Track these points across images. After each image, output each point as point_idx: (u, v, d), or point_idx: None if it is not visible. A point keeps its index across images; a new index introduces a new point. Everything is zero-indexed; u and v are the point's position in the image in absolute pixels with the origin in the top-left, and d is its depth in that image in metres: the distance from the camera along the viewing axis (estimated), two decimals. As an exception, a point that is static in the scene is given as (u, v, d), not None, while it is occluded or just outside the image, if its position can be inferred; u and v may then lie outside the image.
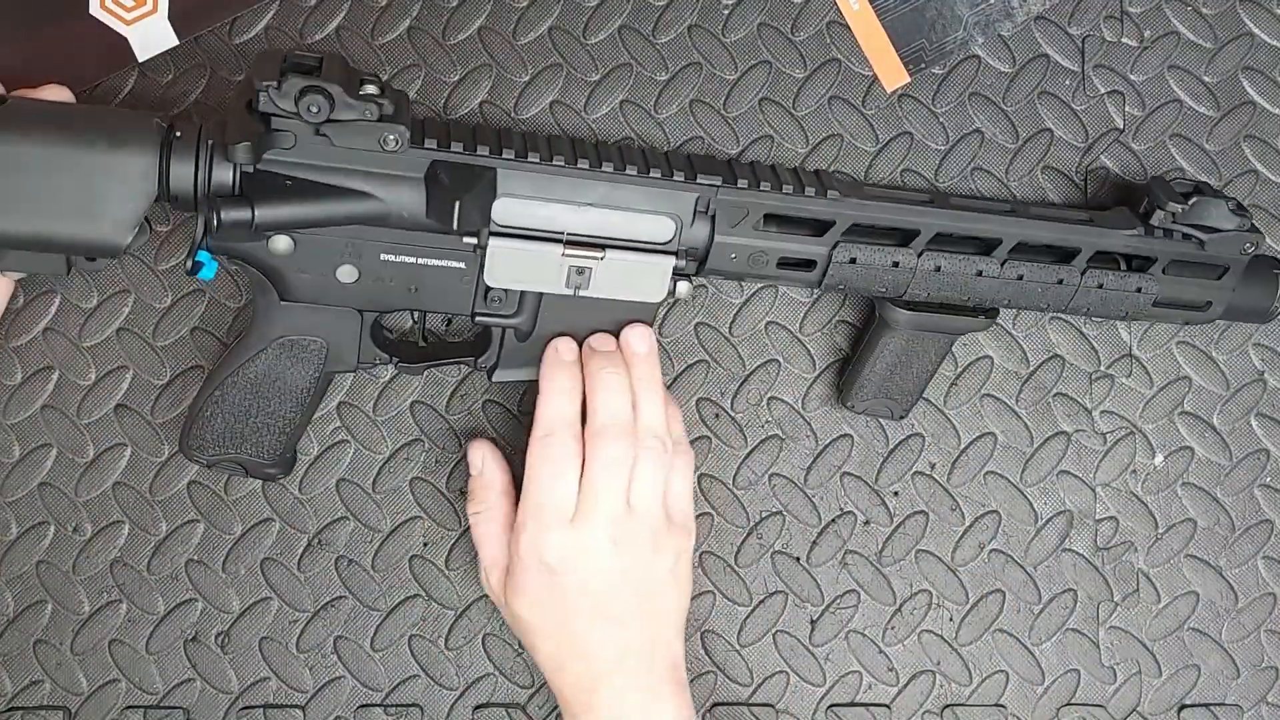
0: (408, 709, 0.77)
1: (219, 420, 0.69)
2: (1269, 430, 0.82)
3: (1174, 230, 0.72)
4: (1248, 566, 0.82)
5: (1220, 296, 0.74)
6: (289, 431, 0.71)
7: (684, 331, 0.78)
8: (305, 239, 0.64)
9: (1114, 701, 0.81)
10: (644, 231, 0.67)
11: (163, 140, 0.60)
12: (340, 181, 0.63)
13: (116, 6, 0.72)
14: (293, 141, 0.61)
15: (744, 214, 0.68)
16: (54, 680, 0.75)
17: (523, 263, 0.66)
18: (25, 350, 0.74)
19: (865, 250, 0.69)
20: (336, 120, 0.60)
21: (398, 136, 0.62)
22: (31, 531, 0.75)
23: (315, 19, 0.74)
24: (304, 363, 0.68)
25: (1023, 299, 0.72)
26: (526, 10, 0.76)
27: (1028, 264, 0.71)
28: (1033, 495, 0.81)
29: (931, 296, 0.72)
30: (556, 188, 0.65)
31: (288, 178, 0.62)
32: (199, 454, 0.71)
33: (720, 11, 0.77)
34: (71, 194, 0.59)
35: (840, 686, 0.80)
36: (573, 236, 0.66)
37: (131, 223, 0.60)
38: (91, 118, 0.61)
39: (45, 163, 0.59)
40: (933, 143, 0.79)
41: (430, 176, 0.64)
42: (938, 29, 0.78)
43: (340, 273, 0.66)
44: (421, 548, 0.77)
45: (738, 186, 0.68)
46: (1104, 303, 0.73)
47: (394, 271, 0.66)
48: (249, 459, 0.71)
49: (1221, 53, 0.80)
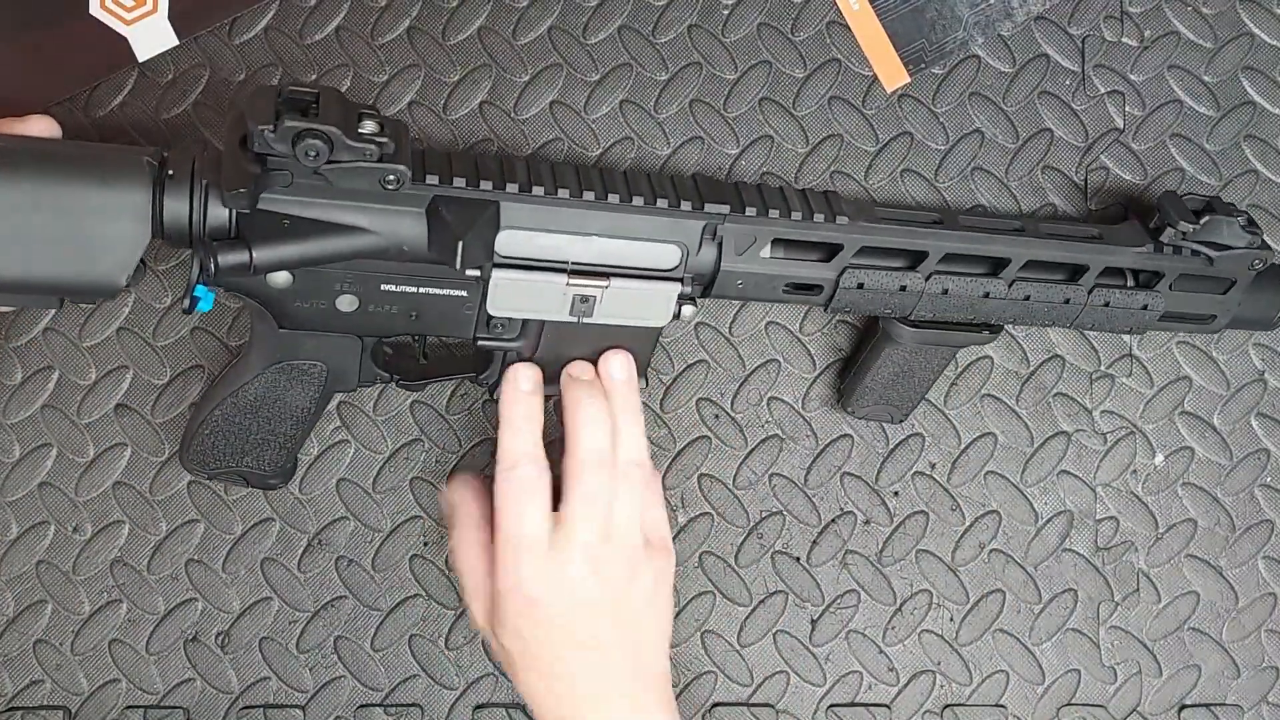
0: (408, 709, 0.77)
1: (219, 438, 0.69)
2: (1269, 430, 0.82)
3: (1184, 247, 0.71)
4: (1248, 566, 0.82)
5: (1225, 309, 0.73)
6: (289, 447, 0.71)
7: (684, 331, 0.78)
8: (304, 273, 0.62)
9: (1114, 702, 0.81)
10: (650, 259, 0.65)
11: (155, 179, 0.58)
12: (339, 218, 0.60)
13: (116, 6, 0.72)
14: (289, 180, 0.59)
15: (751, 240, 0.66)
16: (54, 680, 0.75)
17: (526, 293, 0.64)
18: (25, 350, 0.74)
19: (873, 275, 0.69)
20: (335, 162, 0.58)
21: (398, 176, 0.59)
22: (31, 531, 0.75)
23: (315, 19, 0.74)
24: (304, 385, 0.67)
25: (1028, 317, 0.72)
26: (526, 10, 0.76)
27: (1035, 284, 0.70)
28: (1033, 495, 0.81)
29: (937, 316, 0.71)
30: (561, 219, 0.64)
31: (285, 216, 0.60)
32: (199, 469, 0.71)
33: (720, 11, 0.77)
34: (64, 238, 0.57)
35: (840, 686, 0.80)
36: (577, 266, 0.64)
37: (127, 266, 0.58)
38: (80, 158, 0.58)
39: (35, 206, 0.56)
40: (933, 143, 0.79)
41: (432, 210, 0.62)
42: (938, 29, 0.78)
43: (340, 303, 0.64)
44: (421, 548, 0.77)
45: (745, 214, 0.66)
46: (1109, 319, 0.72)
47: (394, 300, 0.65)
48: (250, 471, 0.71)
49: (1221, 53, 0.80)
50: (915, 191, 0.79)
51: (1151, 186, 0.80)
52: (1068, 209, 0.80)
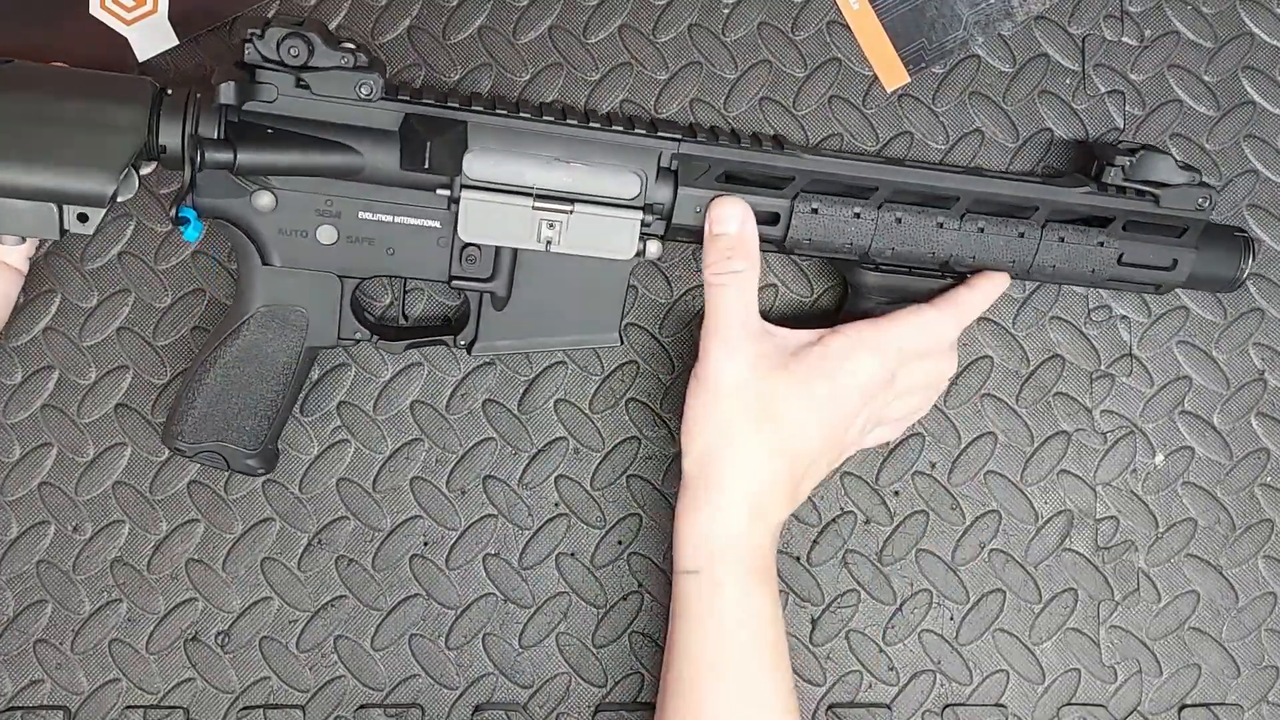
0: (408, 709, 0.77)
1: (200, 402, 0.70)
2: (1269, 430, 0.82)
3: (1127, 188, 0.73)
4: (1248, 566, 0.82)
5: (1184, 257, 0.75)
6: (270, 416, 0.71)
7: (684, 331, 0.78)
8: (286, 195, 0.67)
9: (1114, 701, 0.81)
10: (610, 188, 0.69)
11: (154, 96, 0.64)
12: (319, 134, 0.66)
13: (116, 6, 0.72)
14: (275, 95, 0.65)
15: (705, 168, 0.70)
16: (54, 680, 0.75)
17: (495, 216, 0.68)
18: (25, 350, 0.74)
19: (827, 201, 0.71)
20: (315, 68, 0.65)
21: (372, 84, 0.66)
22: (31, 531, 0.75)
23: (315, 19, 0.74)
24: (285, 335, 0.69)
25: (986, 254, 0.73)
26: (527, 9, 0.76)
27: (987, 218, 0.72)
28: (1033, 495, 0.81)
29: (896, 255, 0.72)
30: (524, 141, 0.68)
31: (269, 128, 0.66)
32: (179, 440, 0.70)
33: (720, 11, 0.77)
34: (65, 144, 0.62)
35: (840, 686, 0.80)
36: (542, 191, 0.68)
37: (118, 168, 0.62)
38: (90, 77, 0.64)
39: (43, 116, 0.62)
40: (933, 142, 0.79)
41: (404, 131, 0.67)
42: (938, 28, 0.78)
43: (320, 234, 0.68)
44: (421, 547, 0.77)
45: (697, 141, 0.70)
46: (1069, 259, 0.73)
47: (372, 231, 0.69)
48: (230, 448, 0.71)
49: (1221, 52, 0.81)
50: (915, 191, 0.79)
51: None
52: (1068, 208, 0.80)
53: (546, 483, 0.78)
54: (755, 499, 0.69)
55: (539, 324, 0.72)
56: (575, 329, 0.72)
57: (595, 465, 0.78)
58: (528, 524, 0.78)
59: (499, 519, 0.78)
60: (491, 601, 0.77)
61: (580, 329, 0.73)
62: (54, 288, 0.74)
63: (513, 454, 0.77)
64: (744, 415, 0.69)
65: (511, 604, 0.78)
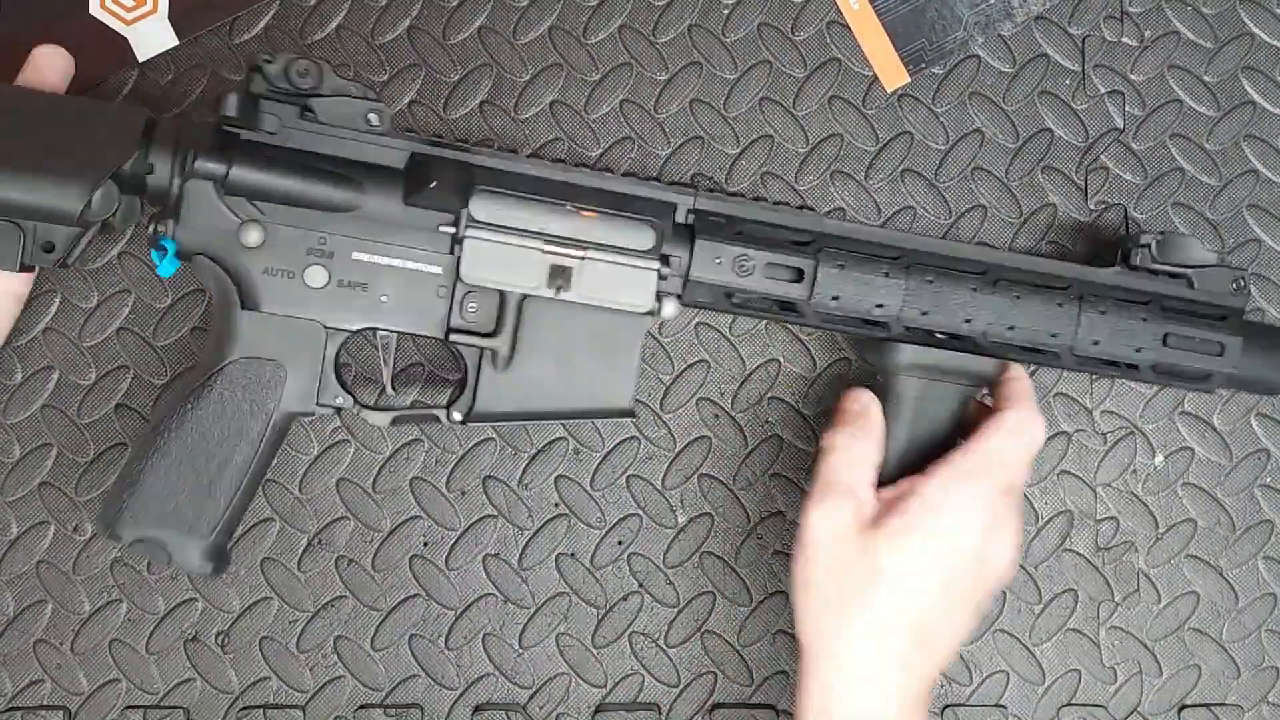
0: (408, 709, 0.77)
1: (150, 476, 0.64)
2: (1269, 430, 0.82)
3: (1157, 271, 0.72)
4: (1248, 566, 0.82)
5: (1230, 343, 0.71)
6: (228, 499, 0.65)
7: (684, 331, 0.78)
8: (276, 231, 0.63)
9: (1114, 701, 0.81)
10: (625, 239, 0.66)
11: (147, 119, 0.62)
12: (320, 165, 0.63)
13: (116, 6, 0.72)
14: (278, 126, 0.63)
15: (722, 223, 0.68)
16: (54, 680, 0.75)
17: (503, 256, 0.65)
18: (25, 350, 0.74)
19: (854, 259, 0.68)
20: (322, 95, 0.63)
21: (380, 114, 0.64)
22: (31, 531, 0.75)
23: (315, 19, 0.74)
24: (260, 396, 0.64)
25: (1025, 323, 0.69)
26: (527, 10, 0.76)
27: (1021, 286, 0.70)
28: (1033, 495, 0.81)
29: (929, 321, 0.69)
30: (536, 187, 0.66)
31: (269, 150, 0.63)
32: (116, 525, 0.64)
33: (720, 11, 0.77)
34: (43, 155, 0.60)
35: (840, 686, 0.80)
36: (554, 236, 0.65)
37: (89, 187, 0.60)
38: (81, 99, 0.65)
39: (22, 129, 0.61)
40: (933, 143, 0.79)
41: (410, 169, 0.65)
42: (938, 29, 0.78)
43: (309, 275, 0.64)
44: (421, 547, 0.77)
45: (713, 194, 0.68)
46: (1113, 334, 0.70)
47: (365, 275, 0.65)
48: (174, 537, 0.64)
49: (1221, 53, 0.81)
50: (915, 191, 0.79)
51: (1152, 186, 0.80)
52: (1068, 209, 0.80)
53: (546, 483, 0.78)
54: (874, 670, 0.65)
55: (544, 389, 0.67)
56: (584, 395, 0.67)
57: (595, 465, 0.78)
58: (527, 524, 0.78)
59: (499, 519, 0.78)
60: (491, 602, 0.77)
61: (589, 395, 0.67)
62: (54, 288, 0.74)
63: (512, 454, 0.77)
64: (847, 580, 0.66)
65: (511, 604, 0.78)
